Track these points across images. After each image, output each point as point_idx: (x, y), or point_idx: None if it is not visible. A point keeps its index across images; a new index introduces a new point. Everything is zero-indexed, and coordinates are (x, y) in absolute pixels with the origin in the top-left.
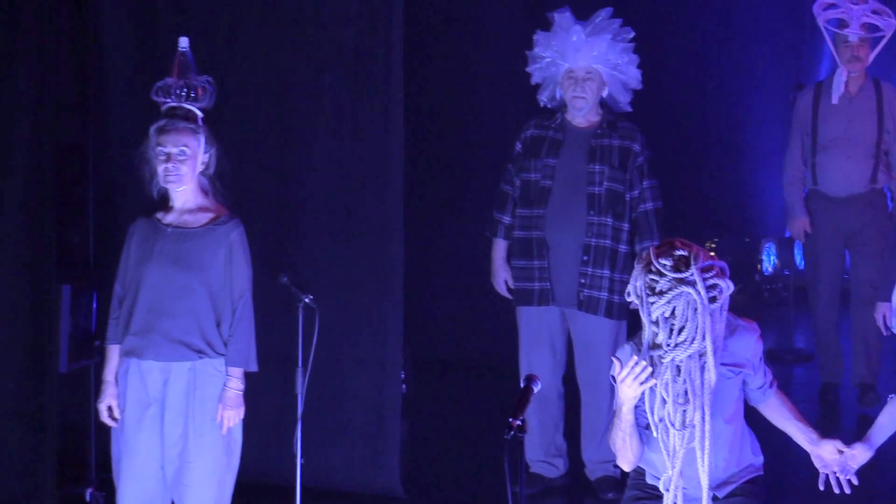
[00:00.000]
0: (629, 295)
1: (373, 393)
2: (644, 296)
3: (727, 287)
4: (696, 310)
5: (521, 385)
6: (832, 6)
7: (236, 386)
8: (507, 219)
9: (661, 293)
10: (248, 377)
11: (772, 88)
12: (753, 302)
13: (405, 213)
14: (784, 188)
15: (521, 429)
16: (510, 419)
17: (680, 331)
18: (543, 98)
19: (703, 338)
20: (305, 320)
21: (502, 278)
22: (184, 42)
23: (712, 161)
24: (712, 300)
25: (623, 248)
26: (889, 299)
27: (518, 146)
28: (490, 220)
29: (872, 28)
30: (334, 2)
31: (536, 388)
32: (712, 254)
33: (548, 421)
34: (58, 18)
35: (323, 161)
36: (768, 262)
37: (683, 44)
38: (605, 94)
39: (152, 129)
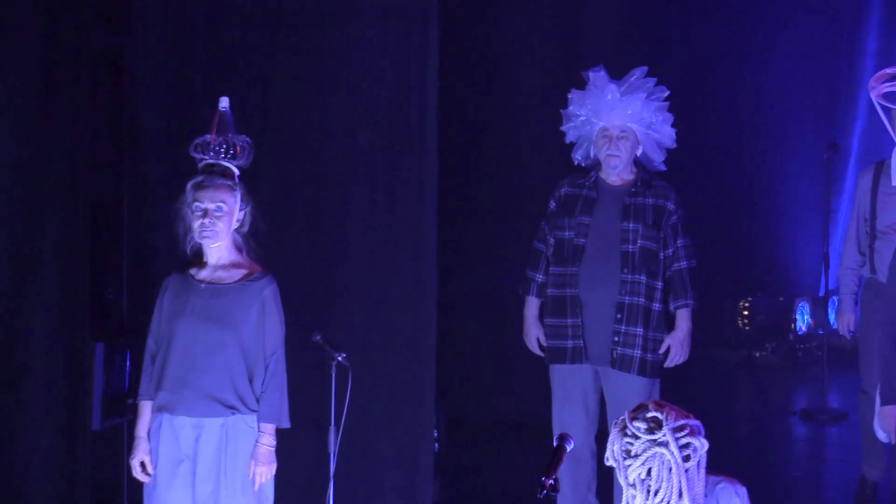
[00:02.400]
0: (607, 460)
1: (405, 453)
2: (620, 459)
3: (701, 445)
4: (670, 470)
5: (554, 444)
6: (893, 78)
7: (268, 442)
8: (539, 277)
9: (637, 456)
10: (281, 435)
11: (806, 147)
12: (787, 361)
13: (438, 271)
14: (839, 277)
15: (554, 488)
16: (542, 478)
17: (656, 492)
18: (578, 156)
19: (680, 497)
20: (338, 379)
21: (534, 336)
22: (224, 101)
23: (746, 220)
24: (686, 459)
25: (657, 306)
26: None
27: (552, 204)
28: (523, 278)
29: None
30: (369, 62)
31: (569, 447)
32: (686, 413)
33: (580, 480)
34: (94, 76)
35: (357, 221)
36: (802, 321)
37: (718, 102)
38: (639, 152)
39: (189, 184)
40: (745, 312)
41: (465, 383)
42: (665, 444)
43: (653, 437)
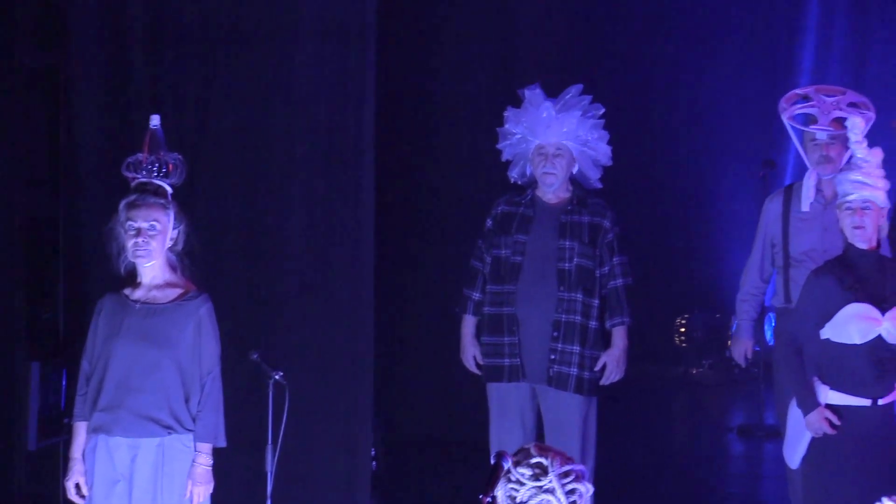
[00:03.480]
0: None
1: (343, 471)
2: None
3: (587, 490)
4: None
5: (492, 462)
6: (803, 99)
7: (205, 461)
8: (476, 295)
9: (523, 503)
10: (217, 454)
11: (742, 164)
12: (723, 378)
13: (375, 289)
14: (736, 303)
15: None
16: (480, 496)
17: None
18: (514, 174)
19: None
20: (276, 397)
21: (471, 354)
22: (155, 119)
23: (682, 237)
24: None
25: (593, 324)
26: None
27: (488, 222)
28: (460, 296)
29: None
30: (307, 78)
31: (506, 465)
32: (569, 457)
33: None
34: (29, 95)
35: (294, 238)
36: None
37: (654, 120)
38: (575, 170)
39: (122, 203)
40: (682, 329)
41: (403, 401)
42: (551, 491)
43: (538, 483)
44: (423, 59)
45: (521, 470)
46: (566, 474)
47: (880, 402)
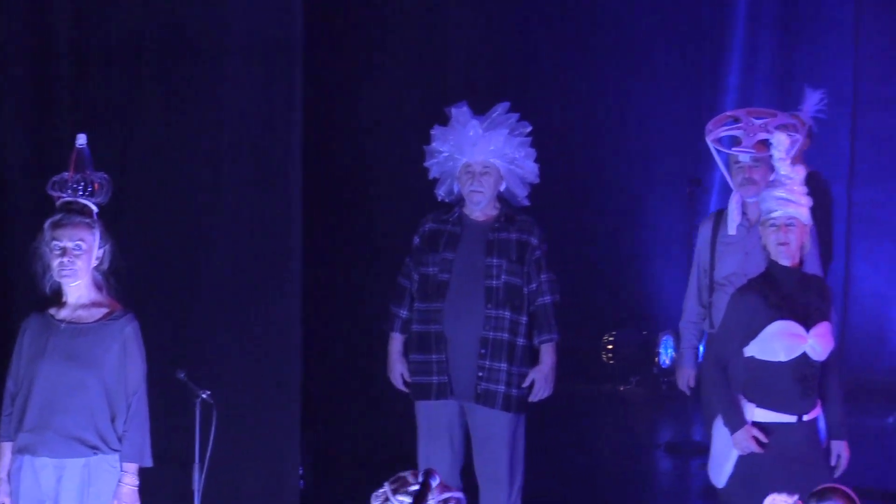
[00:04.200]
0: None
1: (271, 489)
2: None
3: None
4: None
5: (420, 480)
6: (733, 120)
7: (131, 482)
8: (404, 313)
9: None
10: (144, 474)
11: (669, 182)
12: (651, 395)
13: (303, 306)
14: (680, 329)
15: None
16: None
17: None
18: (441, 192)
19: None
20: (203, 416)
21: (399, 372)
22: (81, 138)
23: (609, 254)
24: None
25: (521, 341)
26: None
27: (416, 240)
28: (387, 314)
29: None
30: (234, 97)
31: (435, 483)
32: (448, 485)
33: None
34: None
35: (222, 257)
36: (666, 354)
37: (581, 138)
38: (502, 188)
39: (47, 223)
40: (610, 346)
41: (331, 419)
42: None
43: None
44: (351, 77)
45: (400, 497)
46: (445, 502)
47: (805, 418)
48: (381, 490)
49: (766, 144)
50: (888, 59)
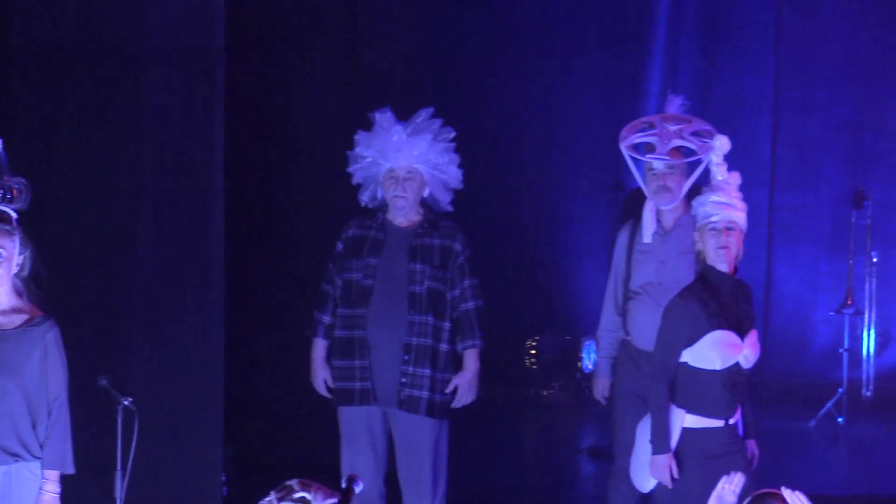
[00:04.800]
0: None
1: (193, 496)
2: None
3: None
4: None
5: (343, 486)
6: (648, 127)
7: (53, 489)
8: (327, 318)
9: None
10: (66, 481)
11: (591, 187)
12: (574, 399)
13: (226, 313)
14: (597, 338)
15: None
16: None
17: None
18: (364, 198)
19: None
20: (125, 423)
21: (322, 378)
22: None
23: (532, 259)
24: None
25: (444, 347)
26: None
27: (339, 246)
28: (311, 320)
29: (687, 152)
30: (156, 105)
31: (358, 489)
32: (332, 491)
33: None
34: None
35: (144, 264)
36: (588, 359)
37: (504, 143)
38: (425, 193)
39: None
40: (533, 351)
41: (255, 425)
42: None
43: None
44: (274, 83)
45: None
46: None
47: (730, 421)
48: (266, 498)
49: (680, 151)
50: (809, 65)
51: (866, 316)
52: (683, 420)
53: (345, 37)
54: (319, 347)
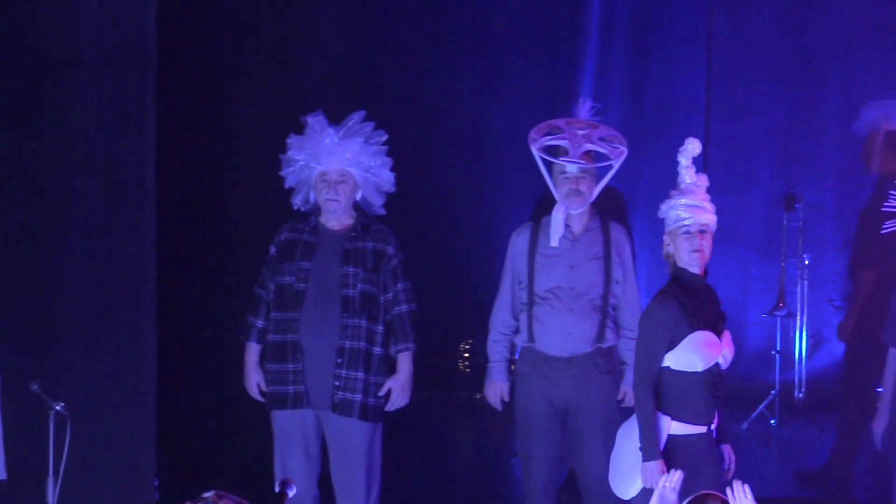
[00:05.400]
0: None
1: (125, 501)
2: None
3: None
4: None
5: (276, 490)
6: (554, 129)
7: None
8: (259, 322)
9: None
10: None
11: (523, 192)
12: (508, 402)
13: (159, 317)
14: (488, 344)
15: None
16: None
17: None
18: (297, 201)
19: None
20: (56, 428)
21: (255, 382)
22: None
23: (466, 263)
24: None
25: (378, 350)
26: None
27: (272, 250)
28: (244, 324)
29: (598, 157)
30: (87, 109)
31: (291, 493)
32: (242, 500)
33: None
34: None
35: (76, 269)
36: None
37: (436, 147)
38: (358, 196)
39: None
40: (466, 354)
41: (187, 430)
42: None
43: None
44: (206, 88)
45: None
46: None
47: (712, 427)
48: None
49: (590, 155)
50: (740, 68)
51: (798, 318)
52: (670, 427)
53: (277, 40)
54: (252, 351)
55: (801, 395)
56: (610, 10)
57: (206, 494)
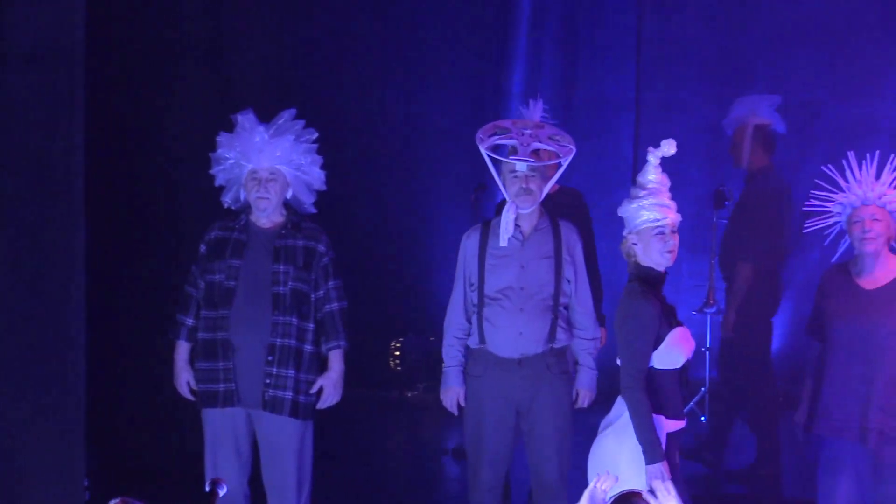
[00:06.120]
0: None
1: (55, 501)
2: None
3: None
4: None
5: (207, 489)
6: (501, 130)
7: None
8: (189, 321)
9: None
10: None
11: (455, 188)
12: (439, 400)
13: (87, 317)
14: (443, 349)
15: None
16: None
17: None
18: (227, 199)
19: None
20: None
21: (184, 380)
22: None
23: (397, 261)
24: None
25: (309, 347)
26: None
27: (202, 248)
28: (173, 322)
29: (545, 155)
30: (13, 106)
31: (222, 492)
32: (128, 500)
33: None
34: None
35: (2, 267)
36: None
37: (366, 144)
38: (288, 195)
39: None
40: (397, 353)
41: (118, 429)
42: None
43: None
44: (136, 85)
45: None
46: None
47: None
48: None
49: (539, 154)
50: (670, 66)
51: None
52: (668, 426)
53: (208, 39)
54: (182, 350)
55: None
56: (540, 6)
57: (112, 502)
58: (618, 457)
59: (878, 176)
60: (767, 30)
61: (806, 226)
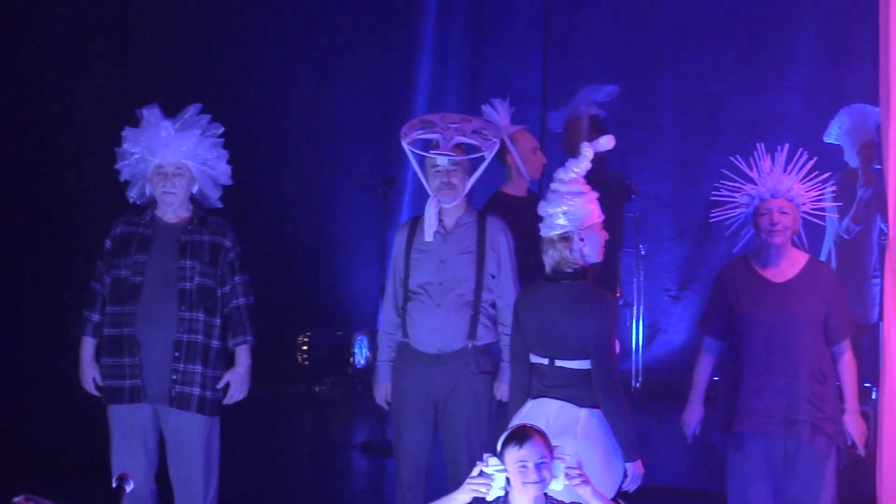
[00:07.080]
0: None
1: None
2: None
3: None
4: None
5: (113, 485)
6: (427, 124)
7: None
8: (95, 316)
9: None
10: None
11: (362, 181)
12: (347, 395)
13: None
14: (378, 341)
15: None
16: None
17: None
18: (133, 194)
19: None
20: None
21: (90, 376)
22: None
23: (303, 254)
24: None
25: (215, 343)
26: None
27: (108, 243)
28: (79, 318)
29: (470, 149)
30: None
31: (129, 488)
32: (46, 501)
33: None
34: None
35: None
36: (361, 355)
37: (274, 138)
38: (194, 189)
39: None
40: (305, 347)
41: (22, 425)
42: None
43: None
44: (39, 81)
45: None
46: None
47: None
48: None
49: (462, 148)
50: (575, 59)
51: (635, 308)
52: None
53: (114, 35)
54: (88, 346)
55: (638, 385)
56: (446, 1)
57: (16, 499)
58: (591, 464)
59: (784, 169)
60: (673, 24)
61: (712, 215)
